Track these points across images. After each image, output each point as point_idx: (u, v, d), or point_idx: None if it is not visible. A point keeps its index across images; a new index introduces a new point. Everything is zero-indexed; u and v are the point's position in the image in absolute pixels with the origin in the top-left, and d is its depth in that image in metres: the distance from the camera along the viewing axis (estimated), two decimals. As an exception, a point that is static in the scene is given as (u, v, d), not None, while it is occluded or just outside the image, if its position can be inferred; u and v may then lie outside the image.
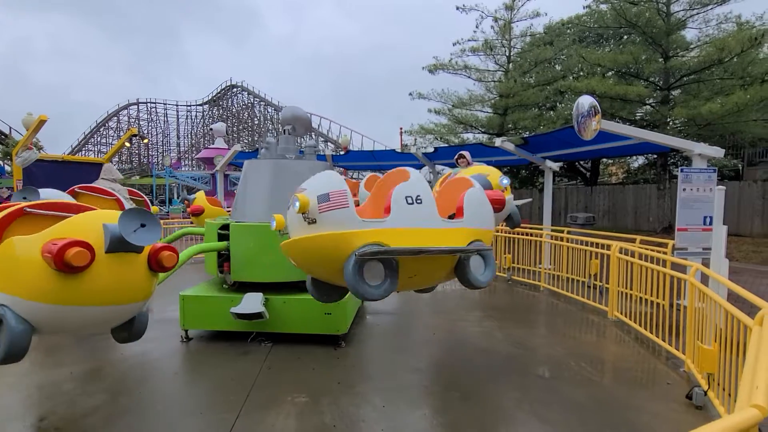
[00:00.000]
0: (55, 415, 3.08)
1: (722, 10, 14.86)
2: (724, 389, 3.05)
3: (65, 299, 2.24)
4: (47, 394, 3.41)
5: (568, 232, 7.99)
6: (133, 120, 50.27)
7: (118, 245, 2.27)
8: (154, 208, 7.16)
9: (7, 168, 16.46)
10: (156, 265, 2.50)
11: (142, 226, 2.32)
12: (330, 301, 3.25)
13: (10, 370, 3.91)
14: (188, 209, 7.01)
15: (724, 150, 6.03)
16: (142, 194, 7.45)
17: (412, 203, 2.69)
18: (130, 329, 2.70)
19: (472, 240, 2.94)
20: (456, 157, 4.97)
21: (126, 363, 4.13)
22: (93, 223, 2.34)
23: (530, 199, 6.49)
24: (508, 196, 4.05)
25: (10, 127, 26.88)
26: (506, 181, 4.02)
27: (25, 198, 2.92)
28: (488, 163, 5.64)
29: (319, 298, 3.17)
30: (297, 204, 2.53)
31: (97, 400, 3.31)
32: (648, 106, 16.28)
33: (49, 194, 3.41)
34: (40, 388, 3.52)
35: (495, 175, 4.04)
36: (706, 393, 3.19)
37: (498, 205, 3.37)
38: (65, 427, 2.93)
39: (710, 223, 5.40)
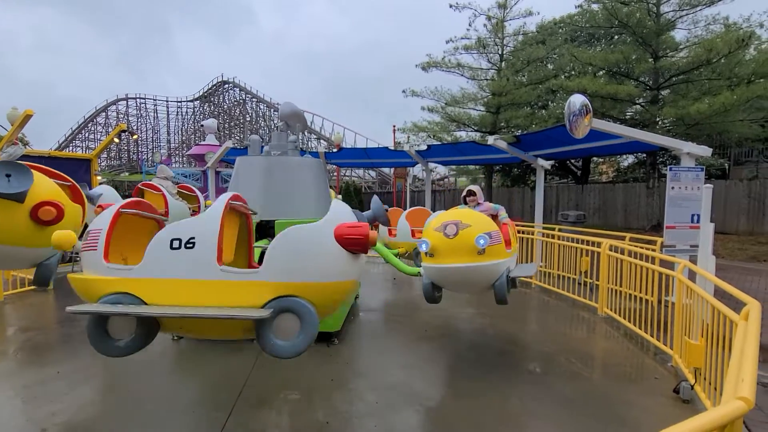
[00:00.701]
0: (41, 415, 3.02)
1: (711, 11, 15.10)
2: (710, 383, 3.12)
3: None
4: (33, 393, 3.36)
5: (559, 230, 8.07)
6: (122, 116, 49.46)
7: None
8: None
9: (-8, 164, 16.13)
10: (36, 217, 2.63)
11: (7, 176, 2.49)
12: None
13: (-4, 369, 3.85)
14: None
15: (711, 149, 6.13)
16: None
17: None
18: (37, 274, 2.88)
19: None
20: (464, 194, 4.43)
21: (115, 361, 4.05)
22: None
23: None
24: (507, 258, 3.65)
25: (-5, 122, 26.34)
26: (483, 241, 3.33)
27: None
28: (483, 161, 5.71)
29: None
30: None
31: (86, 399, 3.27)
32: (638, 106, 16.48)
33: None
34: (26, 388, 3.46)
35: (472, 219, 3.48)
36: (692, 387, 3.25)
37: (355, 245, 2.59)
38: (53, 426, 2.88)
39: (698, 221, 5.49)
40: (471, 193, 4.41)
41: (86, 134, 48.33)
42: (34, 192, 2.66)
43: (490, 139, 8.50)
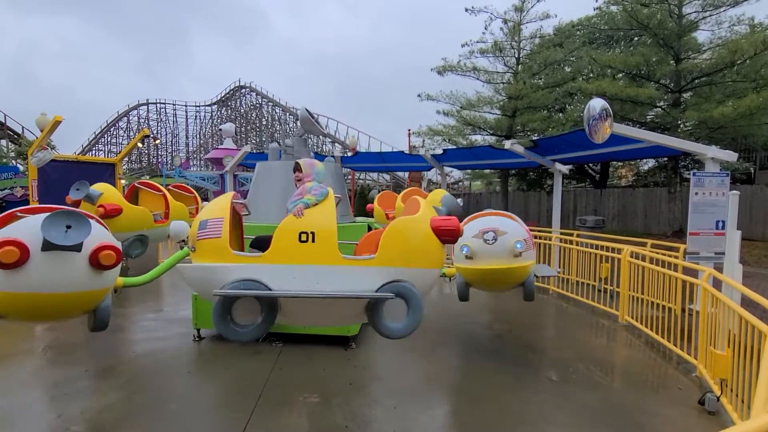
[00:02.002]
0: (72, 412, 3.14)
1: (735, 12, 14.69)
2: (737, 395, 3.04)
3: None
4: (63, 391, 3.48)
5: (578, 235, 7.95)
6: (143, 120, 50.84)
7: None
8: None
9: (21, 167, 16.78)
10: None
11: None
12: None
13: (26, 367, 4.01)
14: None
15: (737, 154, 5.97)
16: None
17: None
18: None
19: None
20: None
21: (139, 361, 4.20)
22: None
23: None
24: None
25: (23, 127, 27.41)
26: (520, 246, 3.78)
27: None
28: (499, 165, 5.77)
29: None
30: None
31: (112, 398, 3.37)
32: (659, 109, 16.12)
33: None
34: (55, 386, 3.60)
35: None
36: (718, 399, 3.17)
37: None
38: (81, 423, 2.99)
39: (723, 228, 5.35)
40: (297, 168, 3.42)
41: (108, 138, 49.80)
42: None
43: (507, 144, 8.45)
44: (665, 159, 17.51)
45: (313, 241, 2.62)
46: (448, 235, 2.77)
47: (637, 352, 4.57)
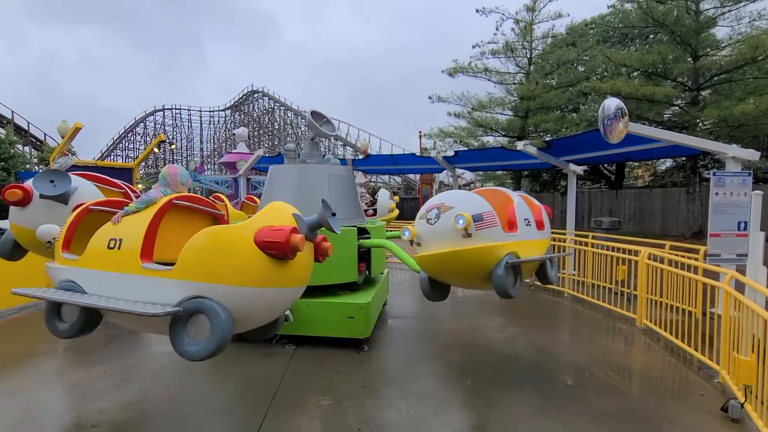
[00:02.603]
0: (91, 412, 3.21)
1: (755, 6, 14.29)
2: (762, 402, 2.93)
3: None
4: (83, 391, 3.56)
5: (593, 237, 7.81)
6: (159, 126, 51.88)
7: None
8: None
9: (43, 173, 17.28)
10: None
11: (333, 214, 2.59)
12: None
13: (47, 368, 4.12)
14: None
15: (759, 152, 5.79)
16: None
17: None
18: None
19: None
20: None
21: (156, 362, 4.27)
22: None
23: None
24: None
25: (45, 134, 28.24)
26: (461, 221, 3.25)
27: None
28: (512, 167, 5.64)
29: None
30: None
31: (130, 398, 3.43)
32: (676, 107, 15.78)
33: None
34: (75, 386, 3.68)
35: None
36: (743, 406, 3.07)
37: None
38: (101, 423, 3.05)
39: (745, 229, 5.19)
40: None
41: (126, 144, 50.96)
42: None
43: (520, 145, 8.36)
44: (683, 159, 17.11)
45: (119, 248, 2.55)
46: (272, 249, 2.32)
47: (657, 356, 4.45)
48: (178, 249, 2.47)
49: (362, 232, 4.86)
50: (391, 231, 5.75)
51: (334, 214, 2.59)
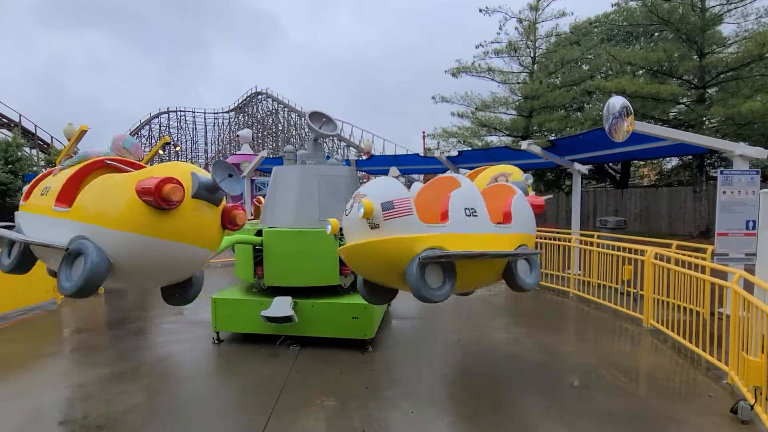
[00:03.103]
0: (98, 413, 3.22)
1: (762, 3, 14.14)
2: (773, 404, 2.89)
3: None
4: (89, 392, 3.58)
5: (598, 237, 7.75)
6: (164, 128, 52.20)
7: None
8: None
9: (50, 175, 17.45)
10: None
11: (230, 176, 2.55)
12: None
13: (54, 369, 4.14)
14: None
15: (767, 151, 5.72)
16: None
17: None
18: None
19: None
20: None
21: (162, 363, 4.29)
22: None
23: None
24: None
25: (52, 137, 28.50)
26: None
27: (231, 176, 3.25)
28: (516, 167, 5.54)
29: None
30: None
31: (136, 399, 3.44)
32: (682, 105, 15.64)
33: None
34: (81, 387, 3.70)
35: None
36: (752, 407, 3.03)
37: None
38: (107, 424, 3.06)
39: (753, 228, 5.12)
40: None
41: (132, 146, 51.24)
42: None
43: (524, 144, 8.33)
44: (690, 157, 16.95)
45: (46, 194, 2.87)
46: (145, 195, 2.37)
47: (664, 357, 4.41)
48: None
49: None
50: None
51: (231, 176, 2.54)
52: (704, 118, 14.24)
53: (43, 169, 23.98)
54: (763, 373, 2.98)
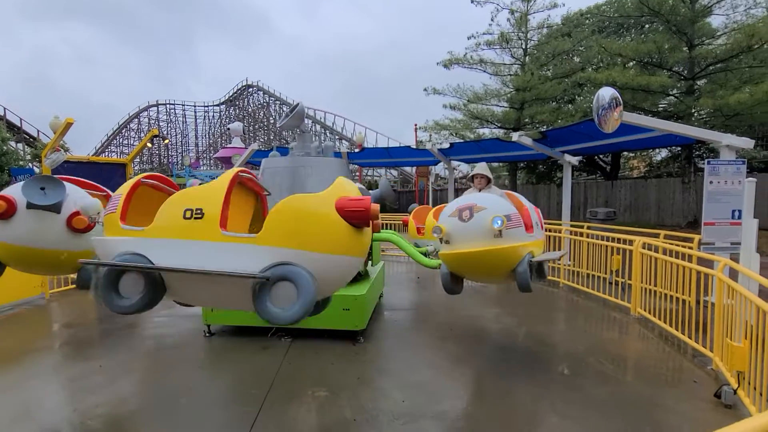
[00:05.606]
0: (88, 406, 3.20)
1: (751, -6, 14.26)
2: (755, 388, 2.96)
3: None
4: (79, 386, 3.55)
5: (588, 228, 7.83)
6: (153, 121, 51.44)
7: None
8: None
9: (36, 169, 17.13)
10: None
11: (395, 190, 2.68)
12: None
13: (43, 363, 4.10)
14: None
15: (753, 141, 5.80)
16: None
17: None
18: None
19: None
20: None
21: (152, 356, 4.27)
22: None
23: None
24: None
25: (38, 130, 27.97)
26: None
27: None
28: (507, 158, 5.56)
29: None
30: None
31: (126, 392, 3.43)
32: (672, 97, 15.78)
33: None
34: (72, 381, 3.67)
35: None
36: (735, 391, 3.10)
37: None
38: (97, 417, 3.04)
39: (739, 217, 5.22)
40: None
41: (120, 140, 50.53)
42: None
43: (515, 136, 8.35)
44: (678, 149, 17.15)
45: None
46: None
47: (651, 345, 4.49)
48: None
49: None
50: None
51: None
52: (693, 110, 14.40)
53: (30, 164, 23.53)
54: (746, 358, 3.04)
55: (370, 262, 4.99)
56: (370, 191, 2.68)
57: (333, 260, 2.43)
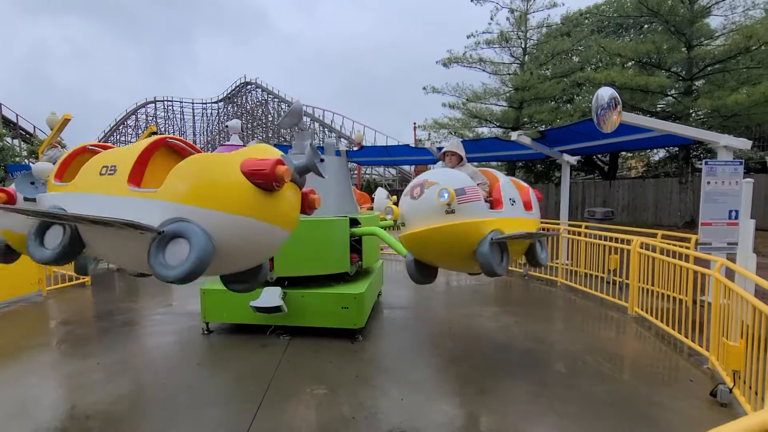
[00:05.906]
0: (85, 403, 3.20)
1: (750, -5, 14.31)
2: (750, 387, 2.99)
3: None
4: (77, 383, 3.55)
5: (586, 227, 7.86)
6: (150, 118, 51.22)
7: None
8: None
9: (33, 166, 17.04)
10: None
11: (321, 161, 2.55)
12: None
13: (41, 360, 4.09)
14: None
15: (751, 142, 5.83)
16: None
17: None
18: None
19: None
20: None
21: (150, 354, 4.26)
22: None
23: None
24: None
25: (35, 127, 27.80)
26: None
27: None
28: (506, 158, 5.55)
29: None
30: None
31: (124, 390, 3.42)
32: (670, 97, 15.82)
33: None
34: (69, 378, 3.66)
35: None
36: (731, 390, 3.12)
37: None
38: (95, 414, 3.04)
39: (736, 217, 5.25)
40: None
41: (117, 136, 50.28)
42: None
43: (514, 135, 8.36)
44: (676, 149, 17.21)
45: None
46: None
47: (647, 344, 4.51)
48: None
49: (354, 223, 4.83)
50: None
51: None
52: (691, 111, 14.44)
53: (26, 160, 23.40)
54: (742, 358, 3.07)
55: (360, 262, 4.97)
56: (294, 160, 2.53)
57: (233, 220, 2.31)
